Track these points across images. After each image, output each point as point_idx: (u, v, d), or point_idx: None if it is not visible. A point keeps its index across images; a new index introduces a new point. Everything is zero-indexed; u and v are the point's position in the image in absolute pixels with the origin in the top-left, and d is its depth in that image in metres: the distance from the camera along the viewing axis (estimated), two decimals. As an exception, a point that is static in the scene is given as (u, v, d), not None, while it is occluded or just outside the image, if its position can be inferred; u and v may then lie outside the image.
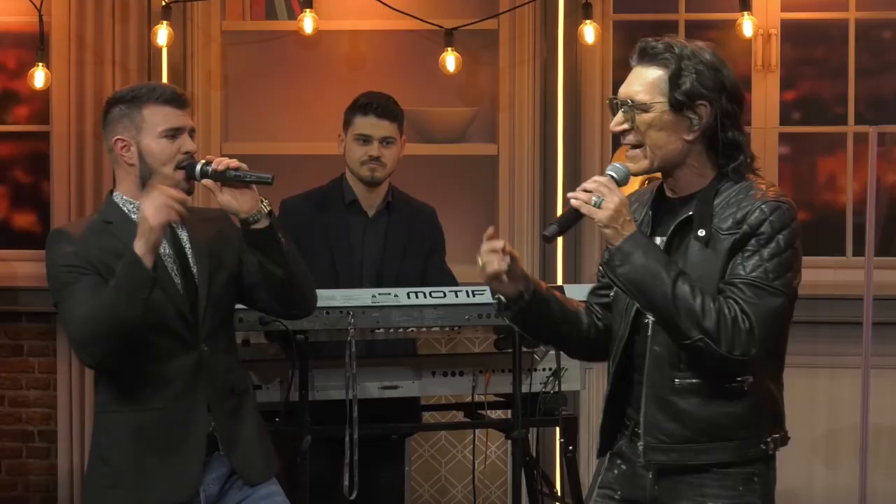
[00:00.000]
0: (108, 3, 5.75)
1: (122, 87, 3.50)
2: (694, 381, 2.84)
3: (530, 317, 2.98)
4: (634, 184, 5.03)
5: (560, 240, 5.64)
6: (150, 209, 3.17)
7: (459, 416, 4.66)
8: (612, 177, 2.85)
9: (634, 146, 2.88)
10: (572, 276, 5.66)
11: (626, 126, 2.87)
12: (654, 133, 2.85)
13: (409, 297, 4.06)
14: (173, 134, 3.35)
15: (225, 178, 3.30)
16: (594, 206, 2.78)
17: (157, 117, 3.35)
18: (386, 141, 4.43)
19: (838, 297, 5.62)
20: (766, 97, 5.82)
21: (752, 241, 2.80)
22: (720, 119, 2.86)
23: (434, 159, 5.79)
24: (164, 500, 3.32)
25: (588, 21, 5.54)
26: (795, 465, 5.70)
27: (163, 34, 5.58)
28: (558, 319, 3.01)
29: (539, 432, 5.07)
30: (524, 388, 4.21)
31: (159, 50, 5.69)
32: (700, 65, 2.85)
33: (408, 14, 5.64)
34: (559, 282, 5.53)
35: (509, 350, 4.18)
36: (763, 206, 2.81)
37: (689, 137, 2.86)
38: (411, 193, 4.68)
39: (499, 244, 2.88)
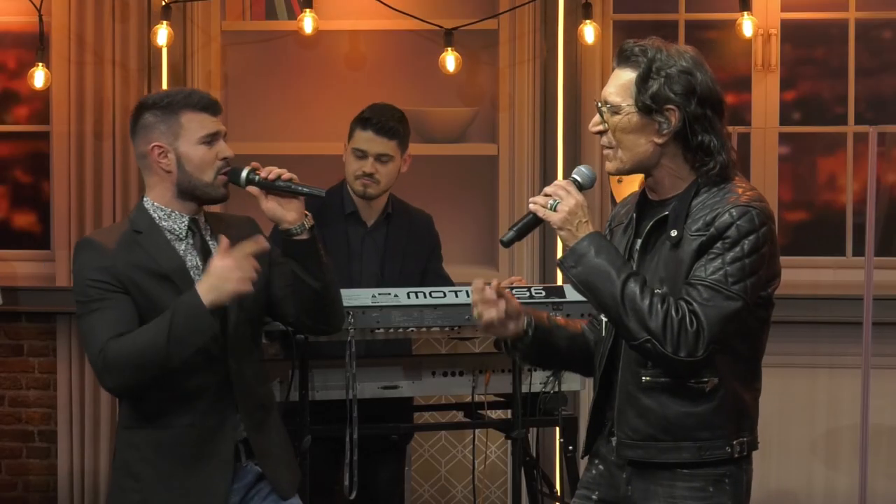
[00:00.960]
0: (108, 3, 5.76)
1: (153, 93, 3.45)
2: (659, 379, 2.86)
3: (536, 352, 3.03)
4: (634, 185, 5.05)
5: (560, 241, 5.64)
6: (236, 275, 3.14)
7: (459, 416, 4.66)
8: (575, 180, 2.89)
9: (608, 147, 2.91)
10: (572, 276, 5.65)
11: (600, 127, 2.91)
12: (623, 135, 2.88)
13: (409, 297, 4.06)
14: (211, 140, 3.32)
15: (274, 188, 3.30)
16: (550, 209, 2.83)
17: (195, 124, 3.32)
18: (381, 158, 4.37)
19: (838, 297, 5.62)
20: (766, 97, 5.82)
21: (718, 245, 2.81)
22: (689, 124, 2.85)
23: (434, 159, 5.79)
24: None
25: (588, 21, 5.54)
26: (795, 465, 5.70)
27: (163, 34, 5.59)
28: (563, 346, 3.05)
29: (539, 432, 5.07)
30: (524, 388, 4.21)
31: (159, 50, 5.70)
32: (672, 69, 2.85)
33: (408, 14, 5.64)
34: (559, 283, 5.53)
35: (509, 350, 4.17)
36: (733, 209, 2.81)
37: (659, 141, 2.87)
38: (412, 193, 4.67)
39: (490, 294, 2.91)
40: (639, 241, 2.93)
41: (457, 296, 4.10)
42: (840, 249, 5.83)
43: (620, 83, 2.88)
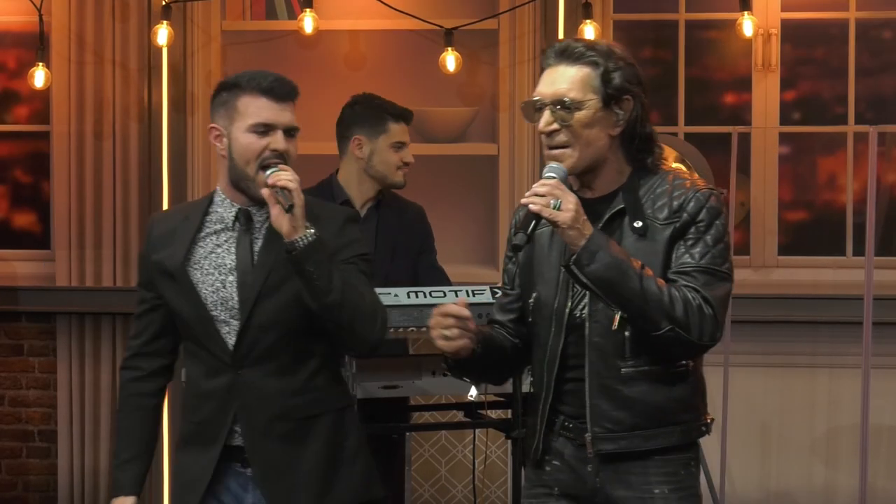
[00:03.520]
0: (108, 3, 5.76)
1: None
2: (640, 368, 2.88)
3: (481, 368, 3.03)
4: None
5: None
6: None
7: (459, 415, 4.66)
8: (553, 178, 2.86)
9: (562, 146, 2.89)
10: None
11: (555, 126, 2.89)
12: (587, 130, 2.88)
13: (409, 296, 4.05)
14: (264, 130, 3.14)
15: (275, 192, 3.07)
16: (554, 209, 2.79)
17: (250, 109, 3.14)
18: (407, 145, 4.55)
19: (838, 297, 5.62)
20: (766, 97, 5.82)
21: (693, 229, 2.86)
22: (640, 113, 2.91)
23: (434, 159, 5.79)
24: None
25: (588, 21, 5.54)
26: (795, 465, 5.70)
27: (163, 34, 5.59)
28: (497, 357, 3.04)
29: (539, 432, 5.06)
30: (524, 388, 4.21)
31: (159, 50, 5.70)
32: (621, 61, 2.90)
33: (408, 14, 5.64)
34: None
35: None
36: (698, 194, 2.87)
37: (615, 132, 2.90)
38: (412, 193, 4.68)
39: (464, 313, 2.86)
40: None
41: (457, 295, 4.10)
42: (840, 249, 5.83)
43: (577, 79, 2.88)
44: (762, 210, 5.84)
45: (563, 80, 2.89)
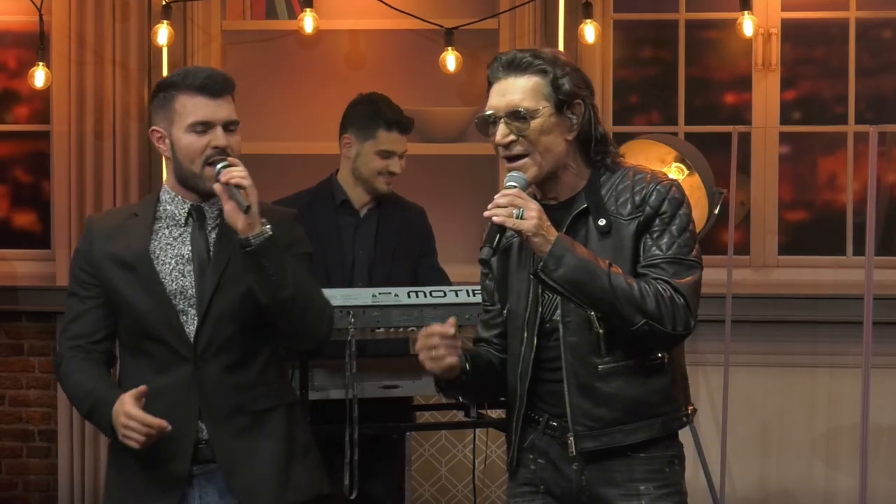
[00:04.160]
0: (108, 3, 5.76)
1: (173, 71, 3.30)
2: (616, 364, 2.90)
3: (473, 387, 3.04)
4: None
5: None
6: (122, 432, 3.12)
7: (459, 415, 4.65)
8: (514, 187, 2.88)
9: (519, 156, 2.92)
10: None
11: (513, 137, 2.93)
12: (544, 138, 2.91)
13: (409, 296, 4.05)
14: (203, 128, 3.18)
15: (228, 191, 3.11)
16: (517, 218, 2.82)
17: (187, 108, 3.17)
18: (402, 155, 4.49)
19: (838, 297, 5.62)
20: (766, 97, 5.82)
21: (657, 221, 2.89)
22: (592, 115, 2.94)
23: (434, 159, 5.79)
24: None
25: (588, 20, 5.54)
26: (795, 465, 5.70)
27: (163, 33, 5.59)
28: (488, 375, 3.06)
29: (539, 432, 5.05)
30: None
31: (159, 49, 5.70)
32: (567, 67, 2.94)
33: (408, 13, 5.64)
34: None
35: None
36: (658, 186, 2.91)
37: (570, 137, 2.94)
38: (412, 193, 4.68)
39: (451, 330, 2.88)
40: None
41: (457, 295, 4.10)
42: (840, 249, 5.83)
43: (527, 88, 2.92)
44: (762, 210, 5.84)
45: (514, 90, 2.93)
